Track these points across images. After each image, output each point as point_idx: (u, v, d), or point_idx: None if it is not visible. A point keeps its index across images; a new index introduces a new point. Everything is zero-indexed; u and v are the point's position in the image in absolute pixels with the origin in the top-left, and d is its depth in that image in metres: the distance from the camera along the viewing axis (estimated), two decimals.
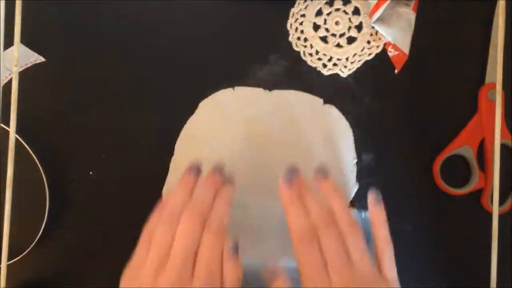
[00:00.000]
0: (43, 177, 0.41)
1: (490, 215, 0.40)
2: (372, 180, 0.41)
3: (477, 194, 0.41)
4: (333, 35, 0.41)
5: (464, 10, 0.41)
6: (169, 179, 0.41)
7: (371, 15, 0.39)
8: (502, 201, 0.40)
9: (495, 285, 0.40)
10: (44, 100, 0.42)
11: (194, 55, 0.41)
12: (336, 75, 0.41)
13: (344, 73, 0.41)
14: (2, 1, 0.38)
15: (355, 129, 0.41)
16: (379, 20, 0.39)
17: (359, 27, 0.41)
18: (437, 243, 0.41)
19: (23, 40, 0.38)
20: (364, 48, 0.41)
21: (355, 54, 0.41)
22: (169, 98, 0.41)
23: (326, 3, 0.41)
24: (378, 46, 0.41)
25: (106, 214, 0.41)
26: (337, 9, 0.41)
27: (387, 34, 0.39)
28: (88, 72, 0.42)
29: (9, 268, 0.40)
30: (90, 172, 0.41)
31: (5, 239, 0.40)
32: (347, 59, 0.41)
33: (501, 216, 0.40)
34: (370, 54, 0.41)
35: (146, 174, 0.41)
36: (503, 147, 0.40)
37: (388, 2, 0.38)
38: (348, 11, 0.41)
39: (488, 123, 0.40)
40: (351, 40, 0.41)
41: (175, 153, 0.41)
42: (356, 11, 0.41)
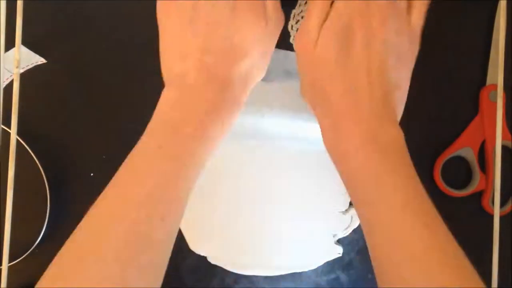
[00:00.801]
0: (44, 179, 0.41)
1: (491, 217, 0.40)
2: None
3: (478, 196, 0.41)
4: None
5: (465, 11, 0.41)
6: None
7: None
8: (503, 203, 0.40)
9: (496, 286, 0.40)
10: (45, 101, 0.42)
11: None
12: None
13: None
14: (3, 2, 0.38)
15: None
16: None
17: None
18: None
19: (24, 42, 0.38)
20: None
21: None
22: None
23: None
24: None
25: None
26: None
27: None
28: (89, 73, 0.41)
29: (10, 269, 0.40)
30: (91, 174, 0.41)
31: (6, 240, 0.40)
32: None
33: (502, 218, 0.40)
34: None
35: None
36: (504, 149, 0.40)
37: None
38: None
39: (489, 125, 0.40)
40: None
41: None
42: None
